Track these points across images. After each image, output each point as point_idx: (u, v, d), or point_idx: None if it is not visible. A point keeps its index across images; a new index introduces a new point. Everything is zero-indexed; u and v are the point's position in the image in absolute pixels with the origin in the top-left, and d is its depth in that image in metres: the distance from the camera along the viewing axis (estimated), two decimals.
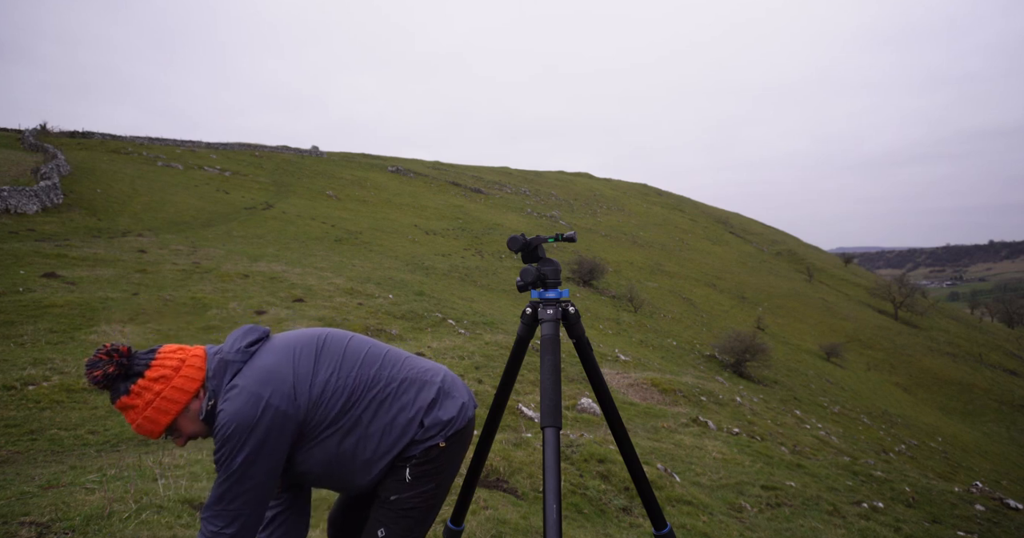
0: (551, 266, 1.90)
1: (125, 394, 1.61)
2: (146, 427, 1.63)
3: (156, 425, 1.64)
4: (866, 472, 6.80)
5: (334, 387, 1.71)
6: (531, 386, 8.31)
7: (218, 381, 1.67)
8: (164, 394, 1.63)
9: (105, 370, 1.59)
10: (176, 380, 1.65)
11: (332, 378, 1.72)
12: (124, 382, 1.62)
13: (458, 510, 2.12)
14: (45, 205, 20.64)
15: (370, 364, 1.79)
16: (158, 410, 1.63)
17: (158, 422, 1.63)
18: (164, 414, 1.64)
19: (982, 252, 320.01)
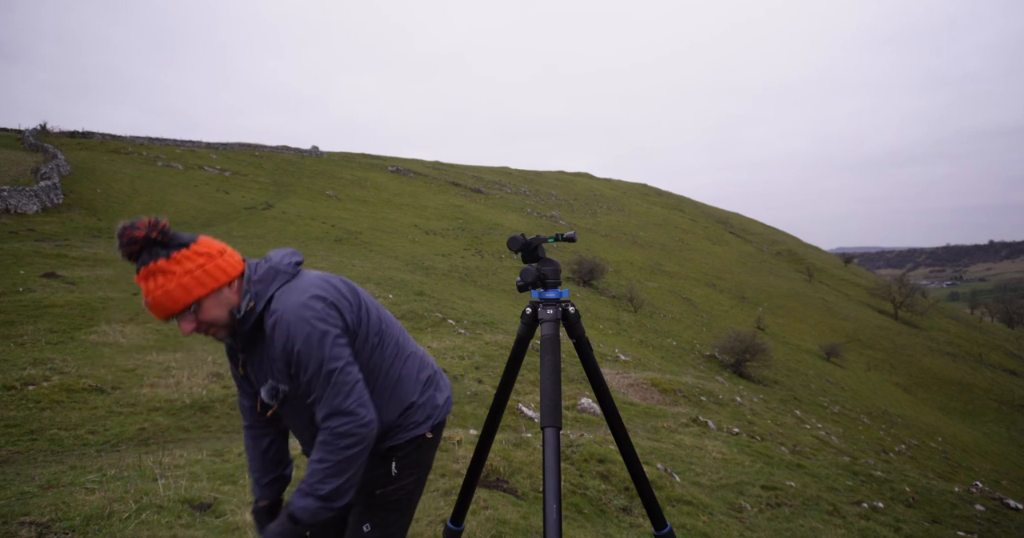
0: (551, 266, 1.90)
1: (164, 258, 1.55)
2: (174, 295, 1.55)
3: (186, 295, 1.55)
4: (866, 472, 6.79)
5: (367, 322, 1.74)
6: (531, 386, 8.31)
7: (264, 286, 1.65)
8: (206, 268, 1.59)
9: (148, 232, 1.54)
10: (219, 261, 1.62)
11: (369, 311, 1.76)
12: (164, 249, 1.57)
13: (458, 510, 2.12)
14: (45, 205, 20.64)
15: (388, 320, 1.85)
16: (196, 280, 1.57)
17: (190, 292, 1.56)
18: (200, 286, 1.58)
19: (982, 252, 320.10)
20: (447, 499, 3.49)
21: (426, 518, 3.24)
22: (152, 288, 1.55)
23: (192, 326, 1.60)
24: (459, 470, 3.94)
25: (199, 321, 1.60)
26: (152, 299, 1.55)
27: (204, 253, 1.60)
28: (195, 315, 1.59)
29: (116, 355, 7.25)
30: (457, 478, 3.80)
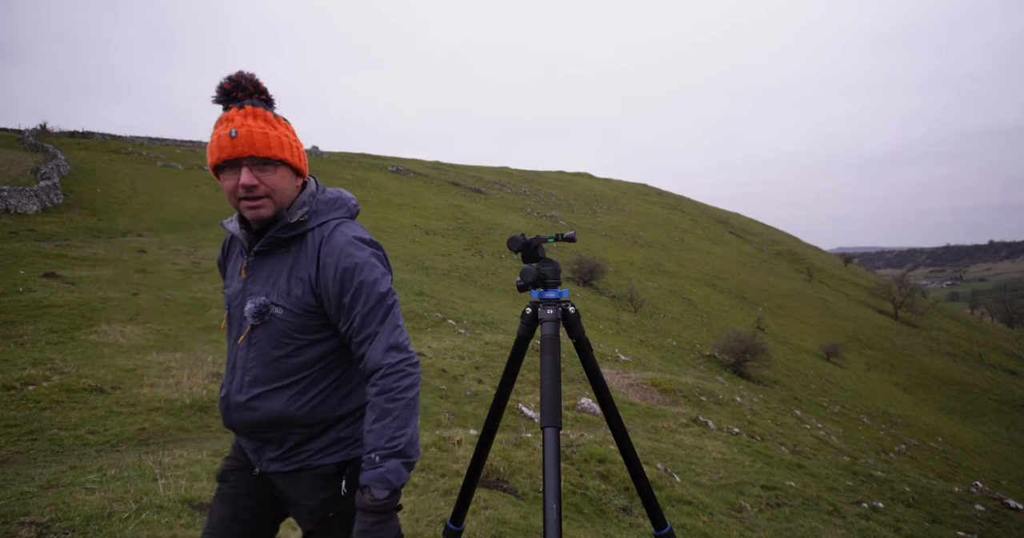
0: (551, 266, 1.90)
1: (264, 106, 1.53)
2: (271, 141, 1.48)
3: (280, 149, 1.49)
4: (866, 472, 6.79)
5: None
6: (531, 386, 8.31)
7: (326, 208, 1.60)
8: (299, 146, 1.58)
9: (259, 86, 1.53)
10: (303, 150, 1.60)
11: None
12: (268, 106, 1.55)
13: (458, 510, 2.12)
14: (45, 205, 20.64)
15: None
16: (291, 146, 1.53)
17: (283, 149, 1.50)
18: (292, 153, 1.53)
19: (982, 252, 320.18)
20: (447, 499, 3.49)
21: (426, 518, 3.24)
22: (252, 124, 1.48)
23: (256, 182, 1.47)
24: (459, 470, 3.94)
25: (265, 182, 1.49)
26: (247, 132, 1.46)
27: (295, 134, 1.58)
28: (268, 174, 1.49)
29: (116, 355, 7.25)
30: (457, 478, 3.80)
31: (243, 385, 1.56)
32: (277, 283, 1.54)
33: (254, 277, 1.57)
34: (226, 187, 1.50)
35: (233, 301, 1.61)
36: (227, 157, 1.47)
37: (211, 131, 1.52)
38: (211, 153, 1.50)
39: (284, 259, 1.56)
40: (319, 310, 1.54)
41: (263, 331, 1.54)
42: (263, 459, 1.61)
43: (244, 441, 1.64)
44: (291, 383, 1.54)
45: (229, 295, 1.63)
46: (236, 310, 1.59)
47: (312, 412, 1.56)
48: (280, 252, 1.56)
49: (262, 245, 1.55)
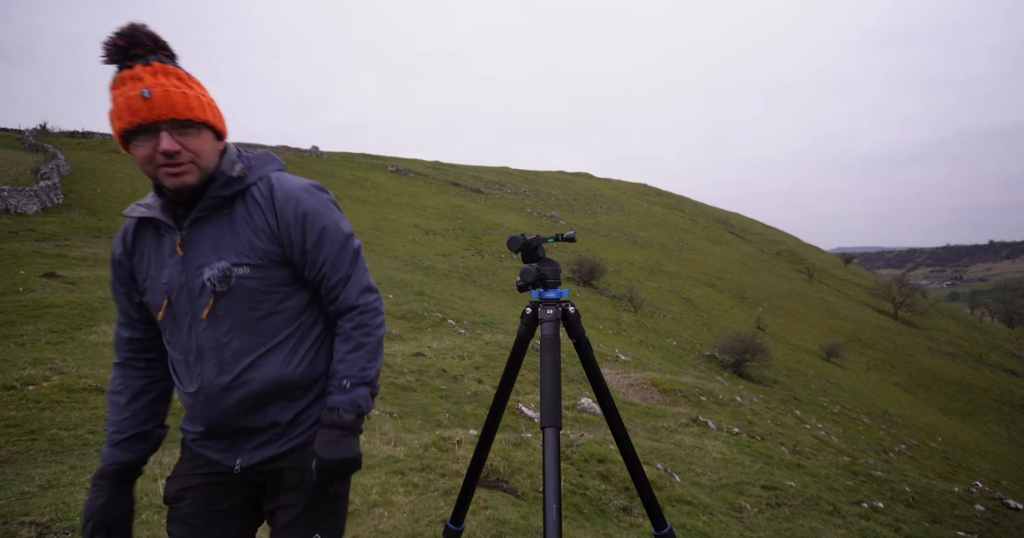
0: (551, 266, 1.90)
1: (171, 62, 1.36)
2: (191, 101, 1.34)
3: (201, 110, 1.35)
4: (866, 472, 6.79)
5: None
6: (531, 386, 8.31)
7: (260, 164, 1.49)
8: (216, 106, 1.42)
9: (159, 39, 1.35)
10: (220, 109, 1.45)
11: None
12: (174, 63, 1.37)
13: (458, 510, 2.12)
14: (45, 205, 20.65)
15: None
16: (211, 106, 1.39)
17: (204, 111, 1.36)
18: (213, 115, 1.39)
19: (982, 252, 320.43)
20: (447, 499, 3.49)
21: (426, 518, 3.24)
22: (166, 83, 1.32)
23: (178, 147, 1.32)
24: (459, 470, 3.94)
25: (188, 147, 1.34)
26: (163, 91, 1.30)
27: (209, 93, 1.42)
28: (190, 138, 1.34)
29: None
30: (457, 478, 3.80)
31: (223, 365, 1.43)
32: (235, 243, 1.41)
33: (196, 249, 1.42)
34: (140, 155, 1.33)
35: (172, 287, 1.43)
36: (142, 121, 1.29)
37: (109, 94, 1.34)
38: (119, 118, 1.31)
39: (229, 219, 1.43)
40: (285, 260, 1.45)
41: (230, 299, 1.41)
42: (241, 452, 1.49)
43: (210, 444, 1.51)
44: (281, 342, 1.46)
45: (164, 284, 1.44)
46: (180, 295, 1.42)
47: (309, 370, 1.49)
48: (221, 213, 1.43)
49: (201, 209, 1.40)
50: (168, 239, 1.45)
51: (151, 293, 1.47)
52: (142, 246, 1.50)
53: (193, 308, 1.42)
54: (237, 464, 1.50)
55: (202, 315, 1.42)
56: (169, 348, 1.50)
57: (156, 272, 1.46)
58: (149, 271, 1.47)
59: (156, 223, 1.46)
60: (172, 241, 1.43)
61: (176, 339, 1.46)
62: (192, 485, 1.53)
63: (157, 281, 1.45)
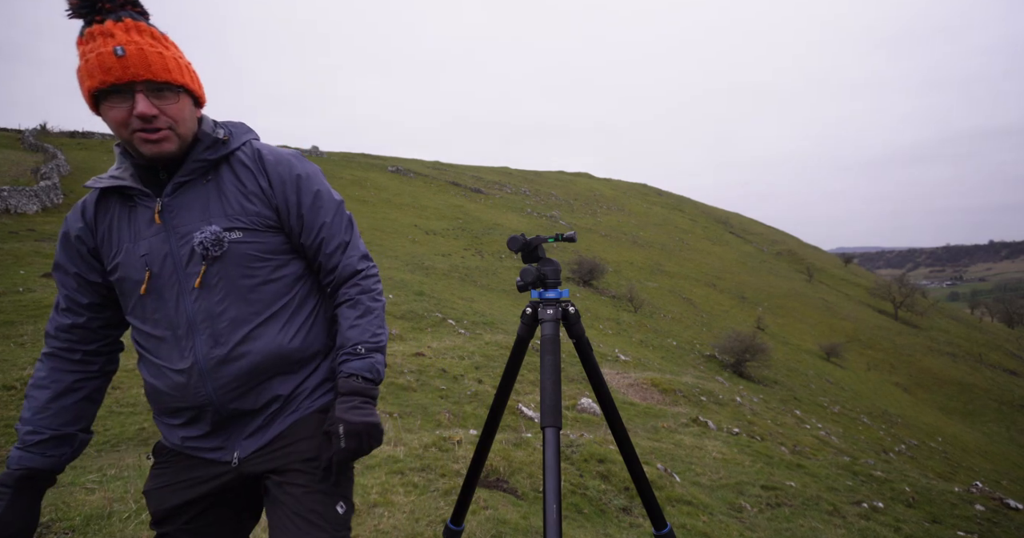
0: (551, 266, 1.90)
1: (143, 19, 1.26)
2: (167, 63, 1.24)
3: (179, 73, 1.26)
4: (866, 472, 6.79)
5: None
6: (531, 386, 8.31)
7: (239, 131, 1.43)
8: (193, 69, 1.33)
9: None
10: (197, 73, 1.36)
11: None
12: (147, 20, 1.27)
13: (458, 510, 2.12)
14: (45, 205, 20.65)
15: None
16: (188, 69, 1.30)
17: (182, 74, 1.27)
18: (191, 78, 1.30)
19: (982, 252, 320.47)
20: (447, 499, 3.49)
21: (426, 518, 3.24)
22: (140, 41, 1.21)
23: (156, 111, 1.23)
24: (459, 470, 3.94)
25: (166, 112, 1.25)
26: (138, 50, 1.20)
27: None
28: (168, 102, 1.25)
29: None
30: (457, 478, 3.80)
31: (218, 336, 1.33)
32: (224, 207, 1.34)
33: (180, 216, 1.32)
34: (113, 118, 1.23)
35: (154, 258, 1.32)
36: (115, 81, 1.19)
37: (77, 50, 1.23)
38: (89, 76, 1.20)
39: (215, 183, 1.35)
40: (279, 226, 1.40)
41: (223, 265, 1.32)
42: (237, 443, 1.39)
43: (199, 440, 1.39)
44: (277, 312, 1.38)
45: (143, 257, 1.32)
46: (163, 266, 1.32)
47: (305, 343, 1.42)
48: (204, 180, 1.35)
49: (186, 173, 1.32)
50: (144, 208, 1.34)
51: (125, 269, 1.34)
52: (107, 219, 1.37)
53: (181, 278, 1.32)
54: (235, 457, 1.38)
55: (194, 284, 1.31)
56: (147, 327, 1.36)
57: (131, 245, 1.34)
58: (121, 245, 1.35)
59: (126, 193, 1.35)
60: (151, 210, 1.33)
61: (161, 315, 1.34)
62: (182, 501, 1.38)
63: (133, 254, 1.33)
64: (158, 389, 1.39)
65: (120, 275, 1.35)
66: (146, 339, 1.38)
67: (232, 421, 1.39)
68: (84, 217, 1.39)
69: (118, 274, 1.35)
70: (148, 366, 1.40)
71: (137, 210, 1.35)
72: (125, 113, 1.23)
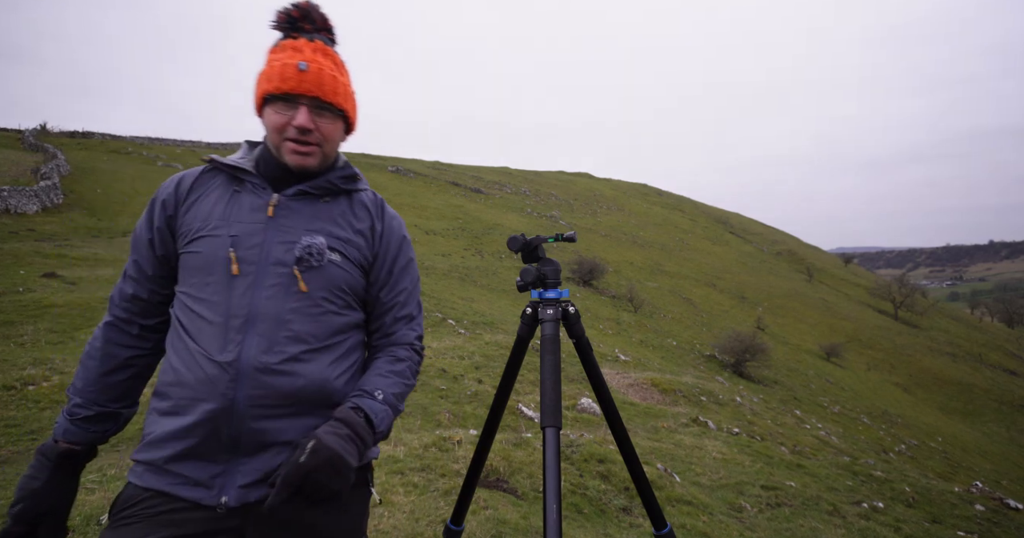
0: (551, 266, 1.90)
1: (331, 46, 1.40)
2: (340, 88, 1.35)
3: (346, 98, 1.37)
4: (866, 472, 6.79)
5: None
6: (531, 386, 8.31)
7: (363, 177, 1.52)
8: (353, 91, 1.43)
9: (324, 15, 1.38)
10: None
11: None
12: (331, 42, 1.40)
13: (458, 510, 2.12)
14: (45, 205, 20.65)
15: None
16: (353, 99, 1.42)
17: (348, 99, 1.38)
18: (352, 100, 1.42)
19: (982, 252, 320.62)
20: (447, 499, 3.49)
21: (426, 518, 3.24)
22: (323, 63, 1.33)
23: (313, 126, 1.31)
24: (459, 470, 3.94)
25: (320, 129, 1.33)
26: (318, 69, 1.31)
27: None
28: (326, 121, 1.34)
29: None
30: (457, 478, 3.80)
31: (273, 343, 1.26)
32: (332, 229, 1.37)
33: (289, 217, 1.34)
34: (273, 122, 1.31)
35: (242, 243, 1.29)
36: (289, 90, 1.29)
37: (266, 56, 1.35)
38: (268, 80, 1.31)
39: (330, 208, 1.39)
40: (369, 269, 1.42)
41: (312, 277, 1.31)
42: (230, 486, 1.22)
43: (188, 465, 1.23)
44: (332, 345, 1.34)
45: (232, 237, 1.30)
46: (248, 253, 1.29)
47: (347, 386, 1.36)
48: (324, 200, 1.39)
49: (313, 187, 1.37)
50: (253, 196, 1.35)
51: (208, 243, 1.30)
52: (202, 194, 1.37)
53: (260, 271, 1.28)
54: (222, 501, 1.21)
55: (271, 282, 1.28)
56: (200, 308, 1.28)
57: (222, 223, 1.31)
58: (211, 219, 1.32)
59: (241, 177, 1.37)
60: (261, 200, 1.34)
61: (221, 298, 1.27)
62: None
63: (222, 231, 1.30)
64: (180, 375, 1.25)
65: (198, 248, 1.30)
66: (192, 319, 1.28)
67: (235, 451, 1.24)
68: (178, 187, 1.38)
69: (196, 247, 1.31)
70: (180, 348, 1.28)
71: (243, 195, 1.35)
72: (285, 120, 1.31)
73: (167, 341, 1.33)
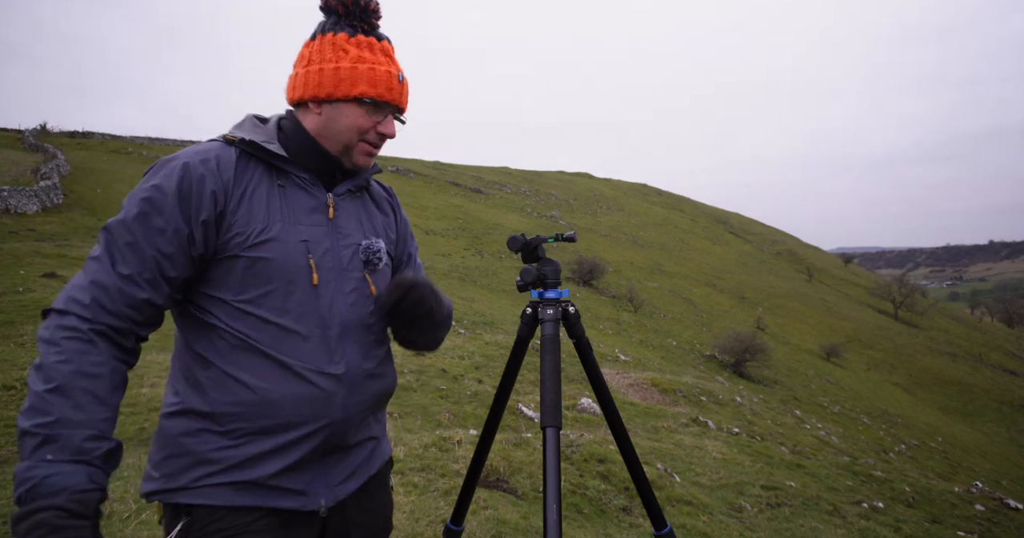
0: (551, 266, 1.90)
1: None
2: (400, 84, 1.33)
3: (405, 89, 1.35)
4: (866, 472, 6.80)
5: None
6: (531, 386, 8.31)
7: None
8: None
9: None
10: None
11: None
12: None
13: (458, 510, 2.12)
14: (45, 205, 20.64)
15: None
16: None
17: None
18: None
19: (982, 252, 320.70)
20: (447, 499, 3.49)
21: (426, 518, 3.24)
22: (401, 71, 1.31)
23: (395, 134, 1.32)
24: (459, 470, 3.94)
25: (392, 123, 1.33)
26: (405, 80, 1.31)
27: None
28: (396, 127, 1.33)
29: None
30: (457, 478, 3.80)
31: (367, 349, 1.26)
32: (377, 227, 1.38)
33: (344, 218, 1.30)
34: (356, 123, 1.25)
35: (315, 248, 1.22)
36: (390, 100, 1.26)
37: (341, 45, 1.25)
38: (370, 84, 1.23)
39: (366, 205, 1.39)
40: (395, 259, 1.45)
41: (377, 279, 1.32)
42: (331, 485, 1.23)
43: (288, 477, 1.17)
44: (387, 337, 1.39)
45: (303, 242, 1.21)
46: (323, 259, 1.22)
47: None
48: (357, 197, 1.37)
49: (355, 184, 1.34)
50: (304, 193, 1.25)
51: (280, 249, 1.17)
52: (250, 187, 1.20)
53: (339, 277, 1.24)
54: (322, 504, 1.21)
55: (349, 288, 1.25)
56: (284, 320, 1.16)
57: (287, 226, 1.19)
58: (273, 221, 1.18)
59: (280, 168, 1.24)
60: (316, 200, 1.26)
61: (309, 309, 1.19)
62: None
63: (291, 237, 1.19)
64: (267, 393, 1.13)
65: (267, 253, 1.16)
66: (273, 334, 1.15)
67: (327, 455, 1.22)
68: (221, 173, 1.17)
69: (263, 252, 1.16)
70: (259, 364, 1.15)
71: (289, 191, 1.24)
72: (370, 124, 1.27)
73: (213, 354, 1.15)
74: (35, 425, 0.97)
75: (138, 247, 1.12)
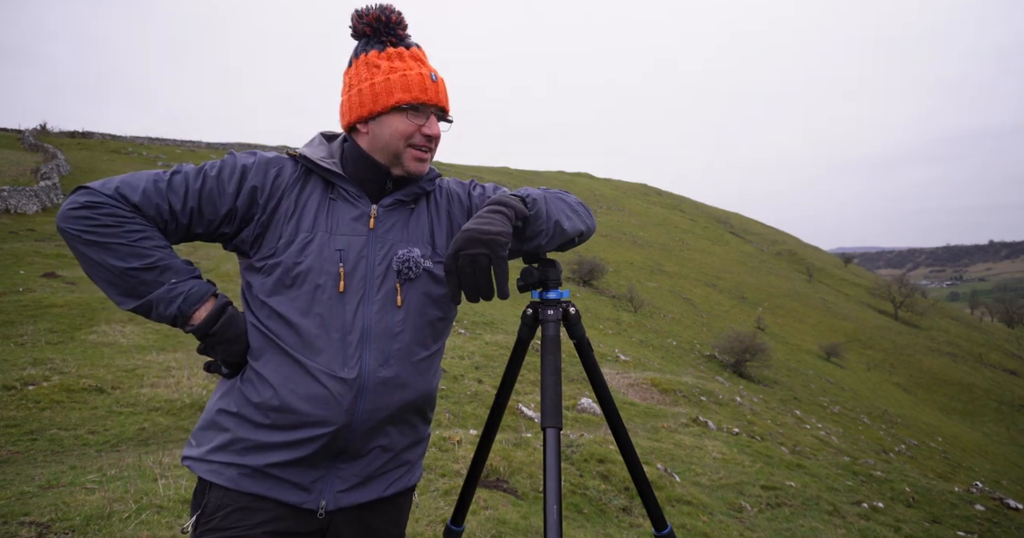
0: (552, 267, 1.90)
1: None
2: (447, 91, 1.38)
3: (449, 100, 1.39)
4: (866, 472, 6.80)
5: None
6: (531, 386, 8.31)
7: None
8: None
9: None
10: None
11: None
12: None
13: (458, 510, 2.11)
14: (45, 205, 20.63)
15: None
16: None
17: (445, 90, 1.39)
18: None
19: (982, 252, 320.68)
20: (447, 499, 3.49)
21: (426, 518, 3.24)
22: (436, 70, 1.35)
23: (439, 134, 1.36)
24: (459, 470, 3.95)
25: (439, 137, 1.37)
26: (440, 79, 1.34)
27: None
28: (441, 129, 1.37)
29: (116, 355, 7.25)
30: (457, 478, 3.80)
31: (388, 357, 1.28)
32: (422, 238, 1.37)
33: (386, 228, 1.33)
34: (401, 129, 1.30)
35: (348, 256, 1.28)
36: (427, 100, 1.30)
37: (376, 63, 1.31)
38: (404, 90, 1.28)
39: (419, 215, 1.39)
40: None
41: (412, 288, 1.32)
42: (329, 491, 1.28)
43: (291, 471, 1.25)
44: (435, 352, 1.39)
45: (339, 251, 1.28)
46: (355, 268, 1.28)
47: (436, 390, 1.41)
48: (409, 207, 1.38)
49: (406, 194, 1.36)
50: (350, 205, 1.32)
51: (316, 257, 1.26)
52: (298, 196, 1.31)
53: (368, 284, 1.28)
54: (321, 506, 1.26)
55: (378, 296, 1.29)
56: (308, 322, 1.25)
57: (327, 236, 1.28)
58: (316, 230, 1.28)
59: (334, 183, 1.33)
60: (359, 210, 1.32)
61: (334, 314, 1.25)
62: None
63: (328, 246, 1.27)
64: (284, 392, 1.23)
65: (302, 258, 1.26)
66: (296, 333, 1.25)
67: (337, 458, 1.28)
68: (275, 178, 1.31)
69: (299, 257, 1.26)
70: (280, 363, 1.25)
71: (339, 204, 1.32)
72: (414, 128, 1.31)
73: (256, 358, 1.27)
74: (145, 264, 1.17)
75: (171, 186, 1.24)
